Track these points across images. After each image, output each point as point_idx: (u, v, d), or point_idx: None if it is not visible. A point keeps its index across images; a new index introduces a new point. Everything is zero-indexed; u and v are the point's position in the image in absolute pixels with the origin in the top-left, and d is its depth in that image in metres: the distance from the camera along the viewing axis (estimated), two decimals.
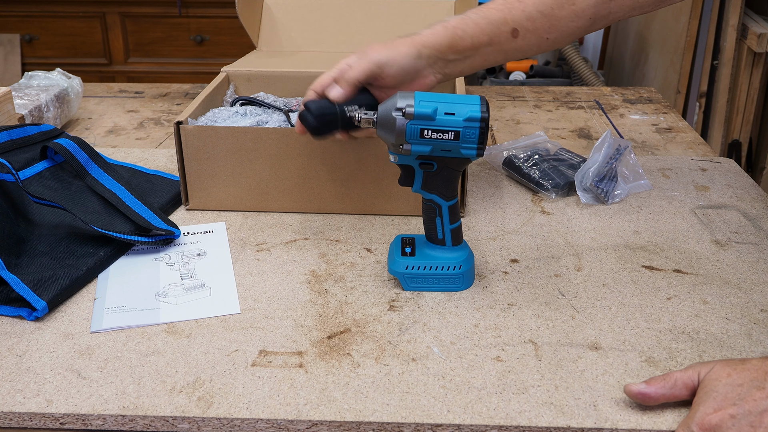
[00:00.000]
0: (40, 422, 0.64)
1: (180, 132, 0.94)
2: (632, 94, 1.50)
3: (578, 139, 1.26)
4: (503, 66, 2.74)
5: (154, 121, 1.35)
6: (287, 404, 0.64)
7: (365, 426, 0.63)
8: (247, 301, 0.79)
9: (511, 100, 1.47)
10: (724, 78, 2.14)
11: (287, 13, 1.32)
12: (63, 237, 0.87)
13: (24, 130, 0.99)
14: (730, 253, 0.89)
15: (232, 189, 0.97)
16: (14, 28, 2.86)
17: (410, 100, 0.73)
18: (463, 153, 0.74)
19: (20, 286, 0.76)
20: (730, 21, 2.10)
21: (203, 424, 0.64)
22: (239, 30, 1.63)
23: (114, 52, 2.87)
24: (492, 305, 0.78)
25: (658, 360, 0.70)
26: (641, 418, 0.63)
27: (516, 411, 0.64)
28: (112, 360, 0.70)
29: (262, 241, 0.91)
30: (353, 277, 0.84)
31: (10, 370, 0.68)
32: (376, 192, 0.96)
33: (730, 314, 0.77)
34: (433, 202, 0.78)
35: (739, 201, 1.03)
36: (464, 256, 0.80)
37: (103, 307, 0.78)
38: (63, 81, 1.28)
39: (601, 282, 0.83)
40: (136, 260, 0.87)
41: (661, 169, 1.13)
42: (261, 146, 0.94)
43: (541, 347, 0.72)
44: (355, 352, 0.71)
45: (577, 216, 0.98)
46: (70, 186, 0.95)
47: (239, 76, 1.18)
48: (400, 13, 1.29)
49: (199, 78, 2.70)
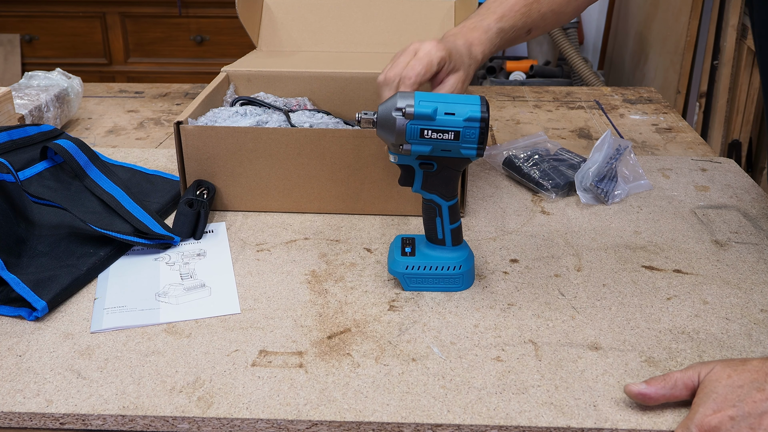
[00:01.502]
0: (40, 422, 0.64)
1: (180, 132, 0.94)
2: (632, 94, 1.50)
3: (578, 139, 1.26)
4: (503, 66, 2.74)
5: (154, 121, 1.35)
6: (287, 404, 0.64)
7: (365, 426, 0.63)
8: (247, 301, 0.79)
9: (511, 100, 1.47)
10: (724, 78, 2.14)
11: (287, 13, 1.32)
12: (63, 237, 0.87)
13: (24, 131, 0.99)
14: (730, 253, 0.89)
15: (232, 189, 0.97)
16: (14, 28, 2.86)
17: (410, 100, 0.73)
18: (463, 153, 0.74)
19: (20, 286, 0.76)
20: (730, 21, 2.10)
21: (203, 424, 0.64)
22: (239, 30, 1.63)
23: (114, 52, 2.87)
24: (492, 305, 0.78)
25: (658, 360, 0.70)
26: (641, 418, 0.63)
27: (516, 411, 0.64)
28: (112, 360, 0.70)
29: (262, 241, 0.91)
30: (353, 277, 0.84)
31: (10, 370, 0.68)
32: (376, 192, 0.96)
33: (730, 314, 0.77)
34: (433, 202, 0.78)
35: (739, 201, 1.03)
36: (464, 256, 0.80)
37: (103, 307, 0.78)
38: (63, 81, 1.28)
39: (601, 282, 0.83)
40: (136, 260, 0.87)
41: (661, 169, 1.13)
42: (261, 146, 0.94)
43: (541, 347, 0.72)
44: (355, 352, 0.71)
45: (577, 216, 0.98)
46: (69, 186, 0.95)
47: (239, 76, 1.18)
48: (400, 13, 1.29)
49: (199, 78, 2.70)
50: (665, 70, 2.36)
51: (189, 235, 0.91)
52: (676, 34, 2.27)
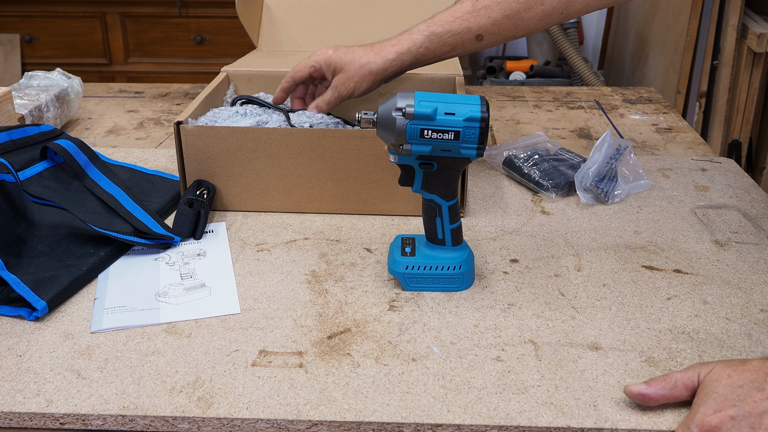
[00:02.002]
0: (40, 422, 0.64)
1: (180, 132, 0.94)
2: (632, 94, 1.50)
3: (578, 139, 1.26)
4: (503, 66, 2.74)
5: (154, 121, 1.35)
6: (287, 404, 0.64)
7: (365, 426, 0.63)
8: (247, 301, 0.79)
9: (511, 100, 1.47)
10: (724, 78, 2.14)
11: (287, 13, 1.32)
12: (63, 237, 0.87)
13: (24, 131, 0.99)
14: (730, 253, 0.89)
15: (232, 189, 0.97)
16: (14, 28, 2.86)
17: (410, 100, 0.73)
18: (463, 153, 0.74)
19: (20, 286, 0.76)
20: (730, 21, 2.10)
21: (203, 424, 0.64)
22: (239, 30, 1.63)
23: (114, 52, 2.87)
24: (492, 305, 0.78)
25: (658, 360, 0.70)
26: (641, 418, 0.63)
27: (516, 411, 0.64)
28: (112, 360, 0.70)
29: (262, 241, 0.91)
30: (353, 277, 0.84)
31: (10, 370, 0.68)
32: (376, 192, 0.96)
33: (730, 314, 0.77)
34: (433, 202, 0.78)
35: (739, 201, 1.03)
36: (464, 256, 0.80)
37: (103, 307, 0.78)
38: (63, 81, 1.28)
39: (601, 282, 0.83)
40: (136, 260, 0.87)
41: (661, 169, 1.13)
42: (261, 146, 0.94)
43: (541, 347, 0.72)
44: (355, 352, 0.71)
45: (577, 216, 0.98)
46: (69, 186, 0.95)
47: (239, 76, 1.18)
48: (400, 13, 1.29)
49: (199, 78, 2.70)
50: (665, 70, 2.36)
51: (189, 235, 0.91)
52: (676, 34, 2.27)
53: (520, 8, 0.89)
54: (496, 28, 0.89)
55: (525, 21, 0.90)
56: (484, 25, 0.89)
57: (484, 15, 0.89)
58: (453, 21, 0.91)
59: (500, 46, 3.16)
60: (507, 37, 0.91)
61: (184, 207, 0.92)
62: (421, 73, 1.16)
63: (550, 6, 0.89)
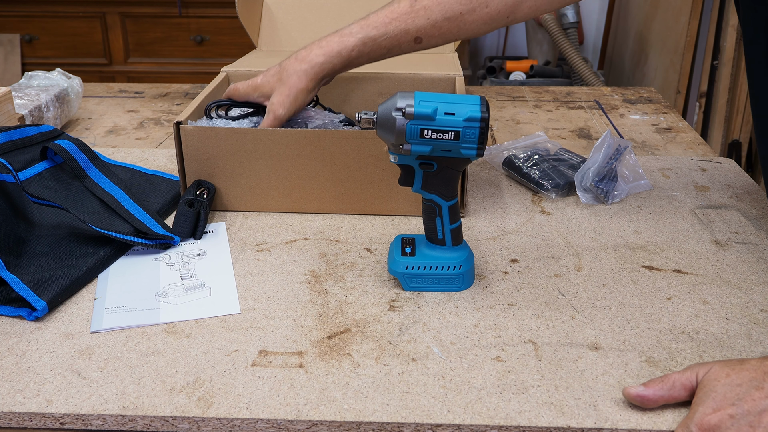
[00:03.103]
0: (40, 422, 0.64)
1: (180, 132, 0.94)
2: (632, 94, 1.50)
3: (578, 139, 1.27)
4: (503, 66, 2.74)
5: (154, 121, 1.35)
6: (287, 404, 0.65)
7: (365, 426, 0.63)
8: (247, 301, 0.79)
9: (511, 100, 1.47)
10: (724, 78, 2.14)
11: (287, 13, 1.32)
12: (63, 237, 0.87)
13: (24, 131, 0.99)
14: (730, 253, 0.89)
15: (231, 189, 0.97)
16: (14, 28, 2.86)
17: (410, 100, 0.73)
18: (463, 153, 0.74)
19: (20, 286, 0.76)
20: (730, 21, 2.10)
21: (203, 424, 0.64)
22: (239, 30, 1.63)
23: (114, 52, 2.87)
24: (492, 305, 0.78)
25: (658, 360, 0.70)
26: (641, 418, 0.63)
27: (516, 411, 0.64)
28: (112, 360, 0.70)
29: (262, 241, 0.91)
30: (353, 277, 0.84)
31: (10, 370, 0.68)
32: (376, 192, 0.96)
33: (730, 314, 0.77)
34: (433, 202, 0.78)
35: (739, 201, 1.03)
36: (464, 256, 0.80)
37: (103, 307, 0.78)
38: (63, 81, 1.28)
39: (601, 282, 0.83)
40: (136, 260, 0.87)
41: (661, 169, 1.13)
42: (261, 146, 0.94)
43: (541, 347, 0.72)
44: (355, 352, 0.71)
45: (577, 216, 0.98)
46: (69, 186, 0.95)
47: (239, 76, 1.18)
48: None
49: (199, 78, 2.70)
50: (665, 70, 2.36)
51: (189, 235, 0.91)
52: (676, 34, 2.27)
53: (463, 10, 0.85)
54: (436, 30, 0.85)
55: (467, 24, 0.86)
56: (422, 27, 0.85)
57: (423, 16, 0.85)
58: (389, 23, 0.87)
59: (500, 46, 3.17)
60: (447, 39, 0.88)
61: (184, 207, 0.92)
62: (421, 73, 1.16)
63: (495, 9, 0.85)
